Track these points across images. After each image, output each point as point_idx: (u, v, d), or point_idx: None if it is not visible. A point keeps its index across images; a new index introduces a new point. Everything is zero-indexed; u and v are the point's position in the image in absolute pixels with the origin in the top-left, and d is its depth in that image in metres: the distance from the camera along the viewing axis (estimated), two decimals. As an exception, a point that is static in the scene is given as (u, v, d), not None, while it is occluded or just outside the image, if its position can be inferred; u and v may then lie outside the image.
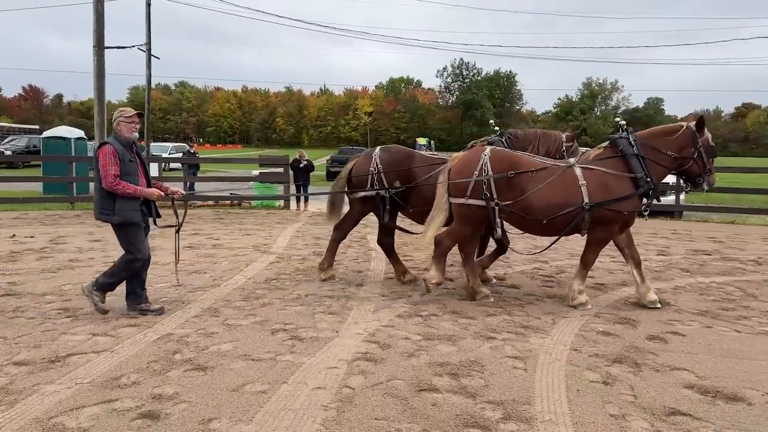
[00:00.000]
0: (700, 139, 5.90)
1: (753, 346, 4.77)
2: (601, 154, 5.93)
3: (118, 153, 5.00)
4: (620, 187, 5.66)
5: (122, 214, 5.00)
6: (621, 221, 5.77)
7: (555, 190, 5.60)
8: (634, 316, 5.59)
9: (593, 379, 4.00)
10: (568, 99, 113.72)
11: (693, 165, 5.89)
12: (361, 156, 7.03)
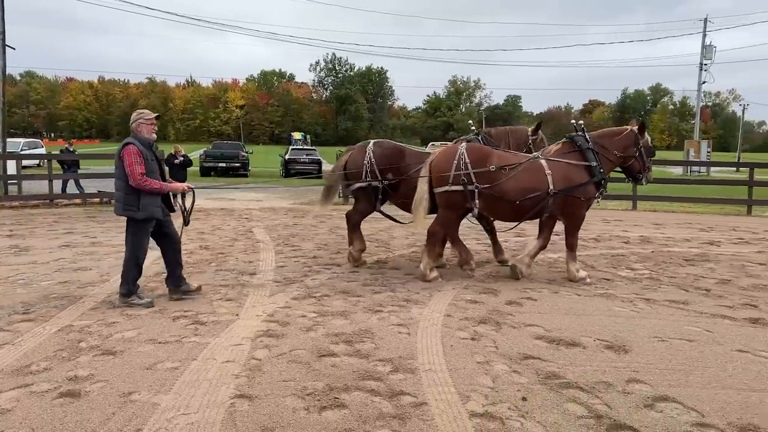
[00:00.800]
0: (641, 140, 6.94)
1: (589, 306, 5.82)
2: (560, 149, 6.81)
3: (141, 152, 5.27)
4: (579, 176, 6.56)
5: (146, 210, 5.31)
6: (586, 206, 6.70)
7: (526, 177, 6.44)
8: (496, 287, 6.50)
9: (463, 337, 4.75)
10: (436, 96, 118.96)
11: (635, 162, 6.92)
12: (355, 150, 7.51)
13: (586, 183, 6.58)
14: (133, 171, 5.22)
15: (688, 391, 3.74)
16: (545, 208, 6.57)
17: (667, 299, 6.08)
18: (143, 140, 5.44)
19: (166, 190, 5.50)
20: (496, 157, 6.63)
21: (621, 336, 4.83)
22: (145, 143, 5.43)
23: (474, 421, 3.28)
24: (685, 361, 4.29)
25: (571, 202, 6.58)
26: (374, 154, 7.26)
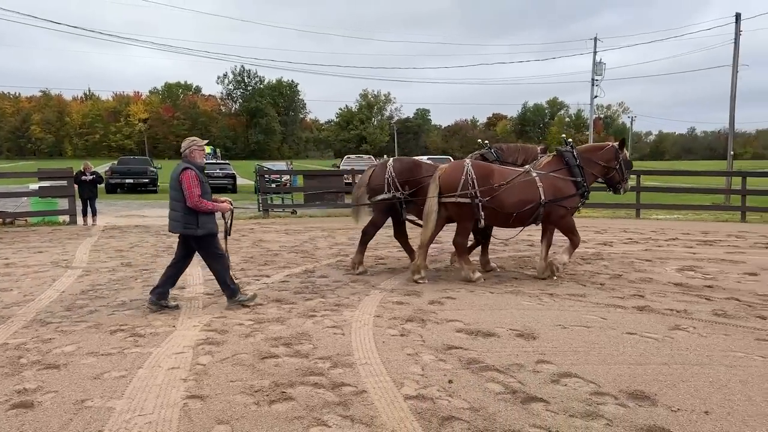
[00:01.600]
0: (621, 154, 7.82)
1: (501, 302, 6.46)
2: (550, 163, 7.60)
3: (198, 176, 5.78)
4: (566, 188, 7.42)
5: (205, 227, 5.85)
6: (573, 211, 7.58)
7: (522, 191, 7.24)
8: (419, 289, 7.02)
9: (393, 334, 5.19)
10: (348, 109, 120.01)
11: (615, 174, 7.81)
12: (377, 167, 8.18)
13: (572, 196, 7.49)
14: (191, 193, 5.71)
15: (587, 367, 4.37)
16: (538, 216, 7.40)
17: (568, 293, 6.84)
18: (196, 165, 5.93)
19: (217, 210, 5.94)
20: (497, 172, 7.39)
21: (529, 325, 5.45)
22: (198, 167, 5.94)
23: (409, 403, 3.71)
24: (584, 343, 4.96)
25: (556, 210, 7.43)
26: (394, 169, 7.92)
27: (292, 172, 23.58)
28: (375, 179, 8.06)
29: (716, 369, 4.33)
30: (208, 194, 5.91)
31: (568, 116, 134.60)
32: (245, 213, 17.27)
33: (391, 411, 3.59)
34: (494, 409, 3.63)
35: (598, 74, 44.12)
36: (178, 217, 5.82)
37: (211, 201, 5.91)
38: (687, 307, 6.15)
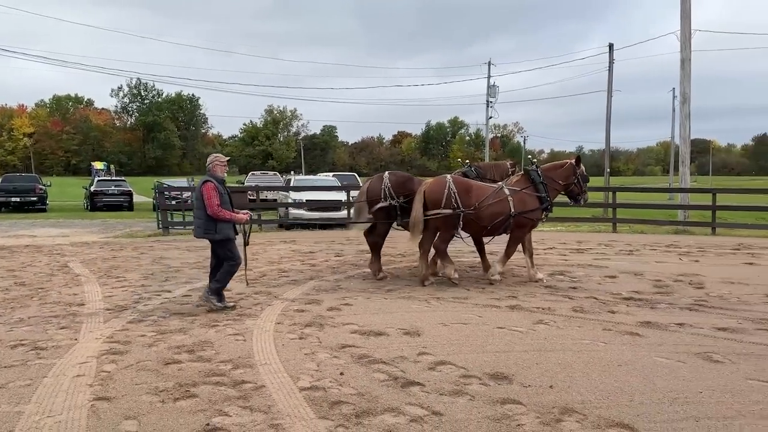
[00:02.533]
0: (578, 170, 8.81)
1: (393, 306, 7.08)
2: (519, 180, 8.61)
3: (217, 188, 6.56)
4: (532, 203, 8.38)
5: (222, 233, 6.68)
6: (532, 225, 8.55)
7: (495, 204, 8.21)
8: (320, 298, 7.50)
9: (292, 338, 5.64)
10: (253, 125, 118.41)
11: (574, 187, 8.82)
12: (374, 180, 9.15)
13: (536, 210, 8.45)
14: (211, 203, 6.52)
15: (460, 356, 5.05)
16: (508, 226, 8.30)
17: (453, 296, 7.60)
18: (217, 178, 6.77)
19: (234, 220, 6.75)
20: (475, 188, 8.36)
21: (416, 325, 6.10)
22: (219, 180, 6.76)
23: (303, 393, 4.19)
24: (460, 337, 5.66)
25: (522, 222, 8.38)
26: (390, 181, 8.83)
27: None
28: (372, 190, 8.97)
29: (566, 354, 5.16)
30: (226, 204, 6.73)
31: (468, 135, 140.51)
32: (143, 231, 16.96)
33: (287, 400, 4.05)
34: (378, 393, 4.19)
35: (492, 96, 46.96)
36: (200, 224, 6.68)
37: (230, 210, 6.74)
38: (551, 306, 7.08)
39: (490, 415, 3.81)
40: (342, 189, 19.70)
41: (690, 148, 18.60)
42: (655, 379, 4.48)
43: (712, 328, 5.99)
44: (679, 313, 6.69)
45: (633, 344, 5.43)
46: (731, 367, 4.77)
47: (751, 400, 4.06)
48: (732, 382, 4.42)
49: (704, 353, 5.12)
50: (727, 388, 4.27)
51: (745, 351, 5.20)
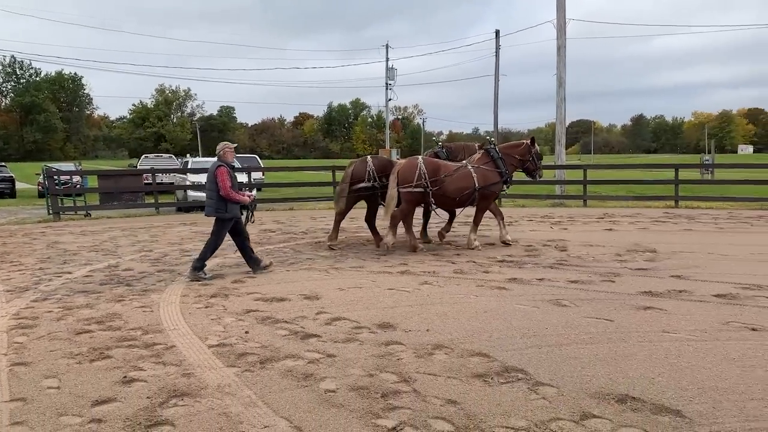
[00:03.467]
0: (533, 149, 9.98)
1: (295, 276, 7.64)
2: (480, 159, 9.64)
3: (229, 172, 7.38)
4: (493, 177, 9.47)
5: (232, 212, 7.54)
6: (494, 197, 9.71)
7: (461, 180, 9.26)
8: (223, 272, 7.92)
9: (199, 307, 6.07)
10: (144, 105, 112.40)
11: (530, 164, 10.01)
12: (358, 162, 10.16)
13: (497, 182, 9.59)
14: (224, 185, 7.31)
15: (354, 313, 5.74)
16: (474, 199, 9.31)
17: (351, 266, 8.29)
18: (228, 163, 7.58)
19: (242, 201, 7.54)
20: (442, 167, 9.37)
21: (315, 291, 6.72)
22: (230, 165, 7.58)
23: (212, 349, 4.69)
24: (354, 298, 6.35)
25: (486, 194, 9.49)
26: (373, 164, 9.89)
27: (84, 173, 22.30)
28: (357, 171, 9.97)
29: (443, 306, 5.99)
30: (235, 187, 7.50)
31: (370, 117, 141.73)
32: (31, 218, 16.26)
33: (197, 355, 4.55)
34: (279, 345, 4.78)
35: (391, 79, 48.11)
36: (212, 203, 7.45)
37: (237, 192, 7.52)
38: (436, 269, 7.95)
39: (376, 354, 4.52)
40: (243, 171, 19.79)
41: (566, 128, 20.47)
42: (512, 320, 5.41)
43: (566, 281, 7.09)
44: (542, 270, 7.79)
45: (499, 296, 6.38)
46: (575, 309, 5.81)
47: (585, 332, 5.06)
48: (572, 320, 5.42)
49: (555, 300, 6.15)
50: (567, 325, 5.26)
51: (589, 297, 6.29)
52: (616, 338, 4.84)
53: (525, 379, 3.97)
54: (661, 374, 4.01)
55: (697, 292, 6.37)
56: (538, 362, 4.29)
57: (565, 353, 4.50)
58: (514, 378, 4.00)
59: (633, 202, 17.53)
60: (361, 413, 3.49)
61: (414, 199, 9.37)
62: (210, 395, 3.76)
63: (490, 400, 3.65)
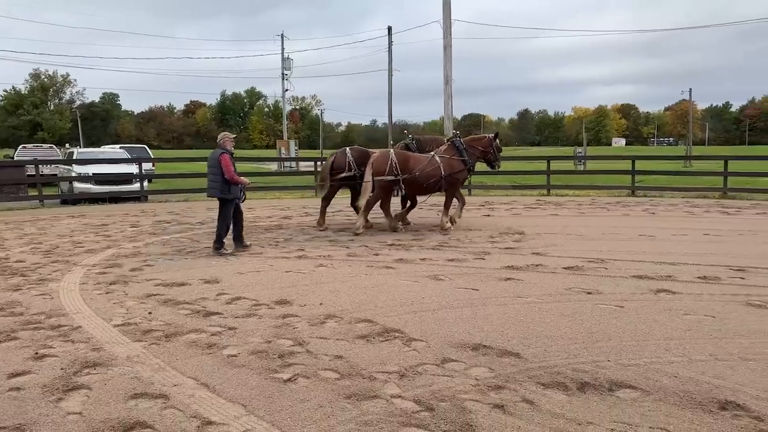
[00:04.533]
0: (494, 143, 11.16)
1: (196, 264, 7.97)
2: (447, 149, 10.78)
3: (230, 159, 8.50)
4: (457, 166, 10.59)
5: (233, 193, 8.59)
6: (460, 183, 11.06)
7: (429, 169, 10.35)
8: (120, 262, 8.07)
9: (99, 293, 6.30)
10: (17, 91, 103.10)
11: (491, 156, 11.13)
12: (339, 153, 11.33)
13: (462, 170, 10.73)
14: (229, 170, 8.39)
15: (253, 293, 6.24)
16: (441, 185, 10.48)
17: (250, 253, 8.72)
18: (229, 150, 8.66)
19: (243, 183, 8.72)
20: (412, 158, 10.51)
21: (215, 275, 7.13)
22: (230, 153, 8.64)
23: (118, 328, 5.03)
24: (254, 281, 6.85)
25: (452, 181, 10.64)
26: (352, 155, 10.99)
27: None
28: (338, 162, 11.06)
29: (336, 284, 6.65)
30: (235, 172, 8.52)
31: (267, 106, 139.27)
32: None
33: (104, 333, 4.88)
34: (183, 322, 5.21)
35: (288, 69, 47.95)
36: (216, 186, 8.48)
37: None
38: (331, 253, 8.60)
39: (273, 325, 5.10)
40: (133, 162, 19.30)
41: (458, 122, 21.81)
42: (395, 293, 6.18)
43: (445, 260, 8.00)
44: (425, 252, 8.67)
45: (386, 274, 7.15)
46: (449, 282, 6.69)
47: (454, 299, 5.92)
48: (445, 290, 6.28)
49: (433, 275, 7.01)
50: (440, 294, 6.11)
51: (462, 272, 7.21)
52: (478, 303, 5.74)
53: (401, 337, 4.72)
54: (509, 328, 4.92)
55: (550, 265, 7.49)
56: (413, 324, 5.06)
57: (436, 316, 5.31)
58: (392, 336, 4.74)
59: (512, 191, 19.16)
60: (260, 370, 4.06)
61: (386, 187, 10.46)
62: (121, 364, 4.17)
63: (370, 354, 4.35)
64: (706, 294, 5.95)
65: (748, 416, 3.31)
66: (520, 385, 3.78)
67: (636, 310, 5.43)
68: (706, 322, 5.02)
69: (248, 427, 3.26)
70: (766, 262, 7.46)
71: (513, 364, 4.14)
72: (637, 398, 3.56)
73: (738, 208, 13.86)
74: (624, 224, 11.39)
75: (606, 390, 3.68)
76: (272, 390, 3.73)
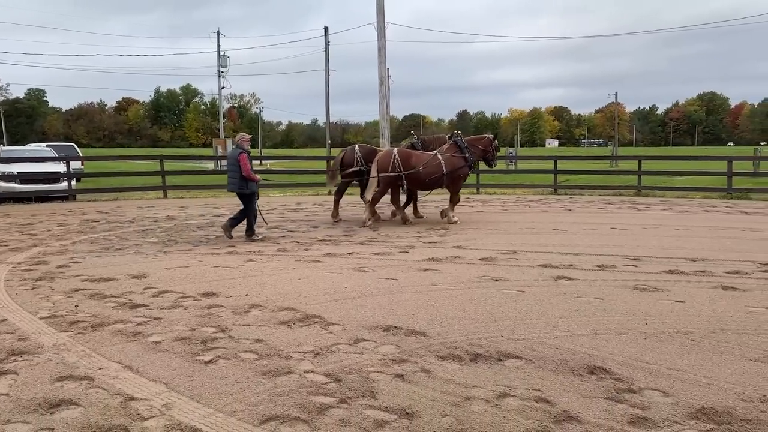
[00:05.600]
0: (494, 143, 11.99)
1: (121, 260, 8.05)
2: (450, 148, 11.45)
3: (248, 157, 9.53)
4: (459, 163, 11.28)
5: (251, 188, 9.60)
6: (462, 179, 11.63)
7: (432, 166, 11.07)
8: (47, 260, 8.06)
9: (25, 288, 6.35)
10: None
11: (490, 155, 11.89)
12: (348, 150, 12.19)
13: (463, 167, 11.39)
14: (246, 168, 9.42)
15: (180, 286, 6.44)
16: (443, 182, 11.16)
17: (179, 250, 8.86)
18: (245, 149, 9.67)
19: (258, 180, 9.76)
20: (414, 156, 11.24)
21: (143, 271, 7.27)
22: (246, 152, 9.66)
23: (43, 320, 5.16)
24: (182, 275, 7.04)
25: (455, 177, 11.32)
26: (360, 152, 11.83)
27: None
28: (347, 158, 11.92)
29: (263, 277, 6.94)
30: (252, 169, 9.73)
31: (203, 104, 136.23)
32: None
33: (30, 325, 5.01)
34: (109, 314, 5.39)
35: (224, 66, 47.25)
36: (236, 182, 9.50)
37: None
38: (262, 249, 8.86)
39: (199, 314, 5.36)
40: (60, 160, 18.77)
41: (401, 122, 22.36)
42: (320, 284, 6.54)
43: (371, 254, 8.42)
44: (354, 246, 9.07)
45: (313, 267, 7.49)
46: (372, 273, 7.10)
47: (374, 288, 6.34)
48: (367, 281, 6.69)
49: (358, 267, 7.41)
50: (362, 284, 6.51)
51: (385, 264, 7.64)
52: (396, 291, 6.19)
53: (320, 322, 5.09)
54: (420, 312, 5.38)
55: (467, 257, 8.05)
56: (333, 311, 5.44)
57: (355, 303, 5.71)
58: (312, 322, 5.11)
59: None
60: (183, 354, 4.34)
61: (390, 182, 11.27)
62: (47, 352, 4.34)
63: (289, 337, 4.70)
64: (600, 280, 6.63)
65: (611, 378, 3.87)
66: (422, 358, 4.22)
67: (535, 294, 6.01)
68: (594, 303, 5.64)
69: (168, 400, 3.55)
70: (661, 252, 8.27)
71: (418, 342, 4.59)
72: (520, 366, 4.08)
73: (648, 205, 14.99)
74: (541, 220, 12.18)
75: (495, 360, 4.18)
76: (193, 370, 4.02)
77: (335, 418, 3.31)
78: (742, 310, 5.38)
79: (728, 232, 10.17)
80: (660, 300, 5.75)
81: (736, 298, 5.80)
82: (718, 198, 16.58)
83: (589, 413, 3.36)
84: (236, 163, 9.42)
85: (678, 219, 12.13)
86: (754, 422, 3.24)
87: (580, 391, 3.66)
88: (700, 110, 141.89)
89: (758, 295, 5.89)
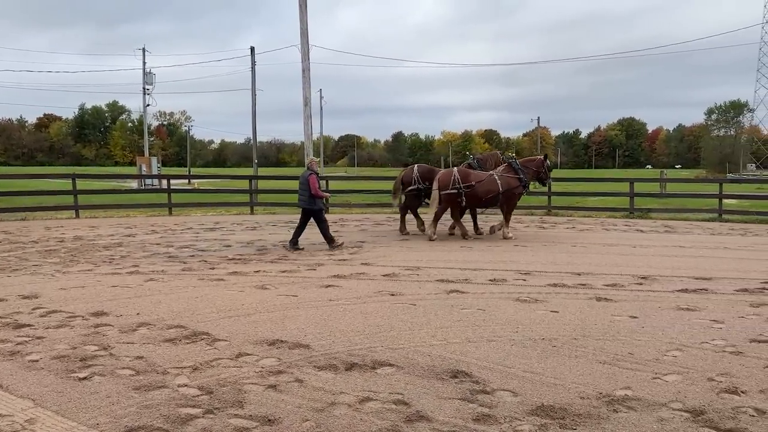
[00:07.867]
0: (546, 163, 12.96)
1: (17, 281, 7.79)
2: (505, 169, 12.41)
3: (317, 178, 10.81)
4: (514, 183, 12.16)
5: (318, 205, 10.86)
6: (516, 198, 12.47)
7: (488, 185, 11.88)
8: None
9: None
10: None
11: (543, 174, 12.88)
12: (407, 170, 13.43)
13: (518, 187, 12.25)
14: (314, 187, 10.56)
15: (71, 306, 6.32)
16: (498, 200, 12.01)
17: (79, 270, 8.65)
18: (315, 171, 10.94)
19: (325, 197, 11.22)
20: (472, 174, 12.04)
21: (35, 291, 7.08)
22: (316, 173, 10.83)
23: None
24: (75, 296, 6.90)
25: (510, 196, 12.17)
26: (418, 172, 12.92)
27: None
28: (406, 177, 13.09)
29: (159, 296, 6.91)
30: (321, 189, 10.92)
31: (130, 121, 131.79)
32: None
33: None
34: None
35: (149, 83, 46.23)
36: (306, 199, 10.66)
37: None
38: (166, 269, 8.78)
39: (84, 333, 5.31)
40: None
41: (312, 143, 22.53)
42: (217, 301, 6.60)
43: (278, 272, 8.52)
44: (262, 264, 9.15)
45: (215, 286, 7.53)
46: (273, 291, 7.21)
47: (272, 304, 6.45)
48: (267, 298, 6.80)
49: (261, 285, 7.50)
50: (261, 301, 6.62)
51: (290, 282, 7.77)
52: (293, 306, 6.34)
53: (206, 339, 5.17)
54: (310, 326, 5.55)
55: (371, 273, 8.30)
56: (223, 327, 5.53)
57: (248, 320, 5.82)
58: (199, 339, 5.18)
59: (368, 208, 20.19)
60: (58, 371, 4.32)
61: (450, 199, 11.91)
62: None
63: (172, 354, 4.76)
64: (488, 293, 7.03)
65: (470, 380, 4.17)
66: (299, 369, 4.39)
67: (425, 307, 6.32)
68: (476, 315, 6.00)
69: (33, 416, 3.55)
70: (551, 267, 8.82)
71: (300, 354, 4.76)
72: (391, 373, 4.32)
73: (554, 223, 15.84)
74: (451, 238, 12.65)
75: (369, 368, 4.41)
76: (65, 387, 4.02)
77: (198, 427, 3.43)
78: (608, 319, 5.88)
79: (619, 249, 10.94)
80: (536, 310, 6.18)
81: (605, 308, 6.31)
82: (620, 217, 17.70)
83: (440, 413, 3.63)
84: (306, 183, 10.63)
85: (576, 236, 12.91)
86: (584, 416, 3.60)
87: (438, 393, 3.93)
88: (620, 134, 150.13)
89: (626, 306, 6.43)
